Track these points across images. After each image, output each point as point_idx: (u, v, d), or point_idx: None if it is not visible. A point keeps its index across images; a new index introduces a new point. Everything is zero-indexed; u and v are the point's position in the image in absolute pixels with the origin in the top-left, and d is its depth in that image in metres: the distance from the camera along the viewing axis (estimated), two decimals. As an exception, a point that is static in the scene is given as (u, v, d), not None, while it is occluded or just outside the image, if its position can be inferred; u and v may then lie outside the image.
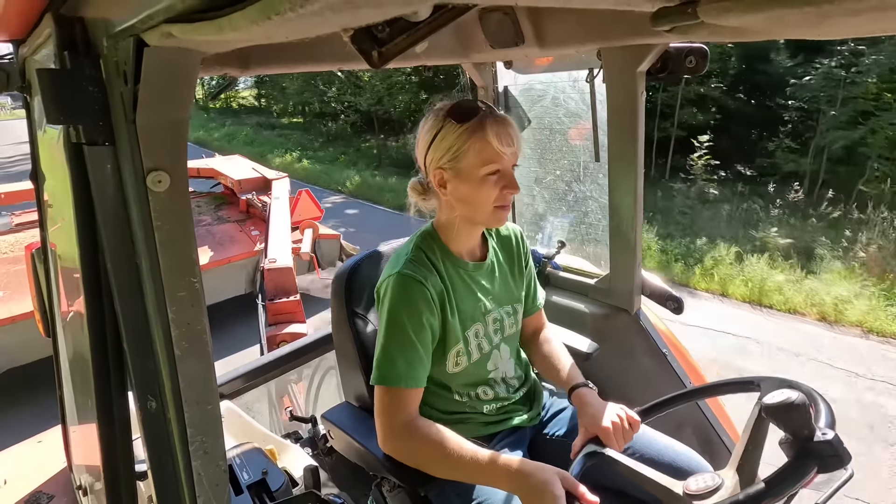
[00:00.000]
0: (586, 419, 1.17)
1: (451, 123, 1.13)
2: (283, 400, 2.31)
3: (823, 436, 0.86)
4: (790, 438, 0.89)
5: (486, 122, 1.12)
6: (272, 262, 3.76)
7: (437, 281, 1.19)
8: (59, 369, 1.40)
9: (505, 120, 1.15)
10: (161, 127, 0.56)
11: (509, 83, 1.95)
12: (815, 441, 0.86)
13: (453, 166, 1.15)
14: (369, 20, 0.37)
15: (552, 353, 1.38)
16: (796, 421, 0.87)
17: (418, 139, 1.22)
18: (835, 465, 0.87)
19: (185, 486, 0.66)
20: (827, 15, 0.33)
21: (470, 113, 1.13)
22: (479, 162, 1.12)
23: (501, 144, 1.12)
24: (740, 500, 0.85)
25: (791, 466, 0.86)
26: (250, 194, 5.78)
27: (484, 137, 1.11)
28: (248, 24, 0.36)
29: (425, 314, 1.15)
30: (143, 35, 0.49)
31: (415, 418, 1.13)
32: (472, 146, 1.12)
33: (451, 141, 1.13)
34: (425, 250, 1.23)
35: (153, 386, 0.64)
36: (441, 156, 1.15)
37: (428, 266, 1.20)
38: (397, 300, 1.14)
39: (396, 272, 1.16)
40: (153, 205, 0.57)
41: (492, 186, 1.15)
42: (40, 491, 1.47)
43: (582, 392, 1.24)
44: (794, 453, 0.87)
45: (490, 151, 1.12)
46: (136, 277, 0.62)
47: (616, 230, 1.67)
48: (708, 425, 1.60)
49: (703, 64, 1.33)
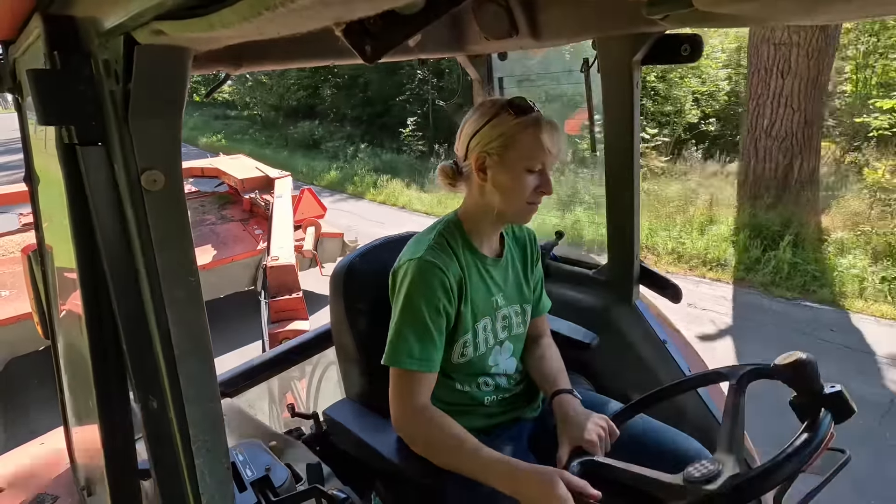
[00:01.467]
0: (570, 430, 1.17)
1: (508, 114, 1.16)
2: (285, 396, 2.32)
3: (832, 388, 0.94)
4: (801, 397, 0.96)
5: (541, 122, 1.17)
6: (275, 260, 3.76)
7: (457, 269, 1.20)
8: (59, 370, 1.40)
9: (556, 125, 1.20)
10: (154, 126, 0.56)
11: (505, 74, 1.94)
12: (826, 393, 0.93)
13: (500, 153, 1.17)
14: (361, 13, 0.37)
15: (544, 361, 1.39)
16: (808, 377, 0.94)
17: (465, 124, 1.23)
18: (847, 414, 0.94)
19: (189, 484, 0.66)
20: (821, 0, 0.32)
21: (527, 109, 1.17)
22: (527, 155, 1.16)
23: (550, 145, 1.17)
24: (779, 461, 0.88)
25: (812, 421, 0.92)
26: (253, 193, 5.79)
27: (537, 133, 1.15)
28: (239, 20, 0.35)
29: (443, 301, 1.16)
30: (134, 33, 0.49)
31: (427, 404, 1.15)
32: (525, 138, 1.15)
33: (505, 129, 1.16)
34: (448, 238, 1.24)
35: (154, 386, 0.64)
36: (490, 141, 1.17)
37: (449, 253, 1.21)
38: (416, 284, 1.15)
39: (418, 257, 1.17)
40: (148, 204, 0.57)
41: (529, 183, 1.17)
42: (44, 492, 1.47)
43: (564, 399, 1.24)
44: (811, 407, 0.93)
45: (539, 148, 1.16)
46: (133, 278, 0.62)
47: (613, 220, 1.67)
48: (708, 413, 1.61)
49: (698, 52, 1.33)
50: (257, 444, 1.32)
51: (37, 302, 1.37)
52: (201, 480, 0.65)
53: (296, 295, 3.53)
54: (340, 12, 0.36)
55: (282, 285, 3.59)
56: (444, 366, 1.26)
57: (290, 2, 0.31)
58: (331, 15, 0.35)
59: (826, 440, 0.91)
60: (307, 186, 5.99)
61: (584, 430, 1.15)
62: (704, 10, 0.37)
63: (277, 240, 4.22)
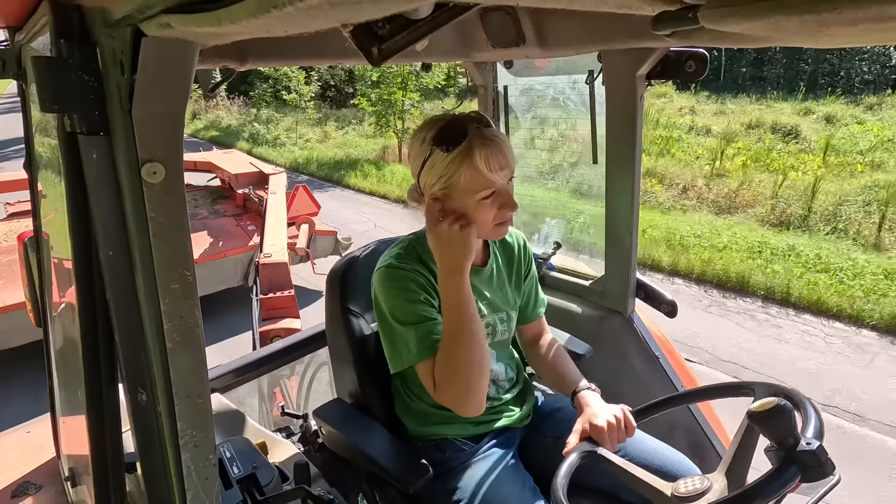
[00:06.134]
0: (583, 418, 1.18)
1: (439, 151, 1.09)
2: (275, 395, 2.31)
3: (808, 445, 0.86)
4: (774, 446, 0.89)
5: (475, 149, 1.07)
6: (267, 257, 3.75)
7: (427, 273, 1.20)
8: (50, 359, 1.39)
9: (493, 141, 1.09)
10: (157, 118, 0.56)
11: (510, 83, 1.95)
12: (798, 450, 0.86)
13: (448, 193, 1.12)
14: (369, 16, 0.37)
15: (554, 360, 1.39)
16: (781, 428, 0.87)
17: (410, 160, 1.19)
18: (817, 476, 0.86)
19: (175, 479, 0.65)
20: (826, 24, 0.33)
21: (456, 139, 1.07)
22: (472, 189, 1.10)
23: (491, 171, 1.08)
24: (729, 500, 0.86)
25: (773, 474, 0.87)
26: (247, 188, 5.78)
27: (473, 165, 1.07)
28: (247, 17, 0.35)
29: (422, 294, 1.16)
30: (141, 25, 0.49)
31: None
32: (462, 175, 1.08)
33: (441, 170, 1.10)
34: (418, 249, 1.24)
35: (144, 378, 0.64)
36: (433, 183, 1.13)
37: (416, 259, 1.21)
38: (389, 288, 1.17)
39: (384, 265, 1.19)
40: (147, 196, 0.57)
41: (488, 208, 1.13)
42: (27, 480, 1.46)
43: (584, 394, 1.24)
44: (778, 462, 0.87)
45: (481, 179, 1.09)
46: (128, 269, 0.61)
47: (612, 232, 1.67)
48: (699, 429, 1.61)
49: (703, 68, 1.34)
50: (245, 441, 1.31)
51: (30, 290, 1.37)
52: (187, 476, 0.64)
53: (288, 293, 3.51)
54: (348, 14, 0.36)
55: (274, 283, 3.57)
56: None
57: (299, 1, 0.31)
58: (339, 16, 0.35)
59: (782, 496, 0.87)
60: (302, 184, 6.00)
61: (599, 417, 1.15)
62: (711, 28, 0.37)
63: (270, 236, 4.20)
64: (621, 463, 1.05)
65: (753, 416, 0.88)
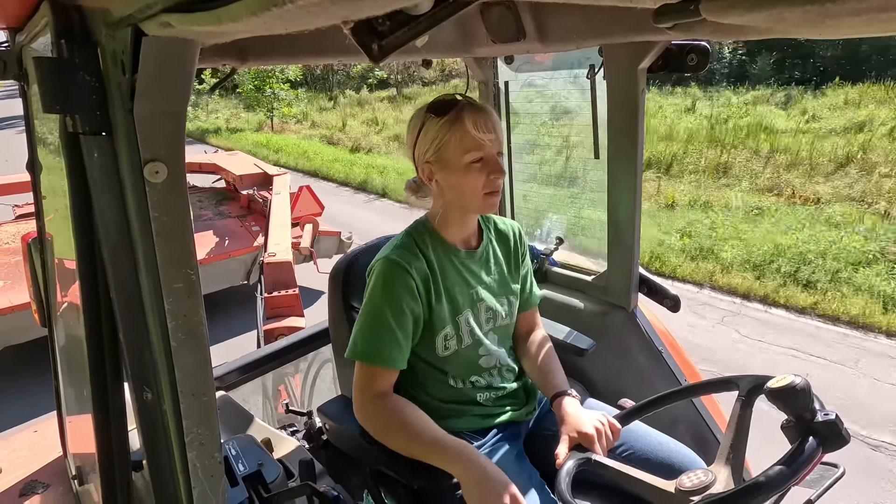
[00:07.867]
0: (568, 427, 1.18)
1: (432, 118, 1.19)
2: (280, 392, 2.31)
3: (826, 416, 0.90)
4: (792, 421, 0.92)
5: (464, 113, 1.17)
6: (271, 256, 3.77)
7: (423, 267, 1.23)
8: (55, 359, 1.40)
9: (483, 109, 1.20)
10: (158, 117, 0.56)
11: (510, 79, 1.94)
12: (816, 422, 0.90)
13: (438, 158, 1.20)
14: (370, 13, 0.37)
15: (540, 357, 1.39)
16: (800, 403, 0.91)
17: (407, 139, 1.27)
18: (838, 444, 0.90)
19: (181, 476, 0.66)
20: (829, 14, 0.32)
21: (448, 106, 1.18)
22: (461, 151, 1.17)
23: (480, 132, 1.17)
24: (761, 482, 0.87)
25: (798, 447, 0.89)
26: (251, 190, 5.80)
27: (463, 127, 1.16)
28: (247, 15, 0.35)
29: (405, 299, 1.20)
30: (142, 24, 0.49)
31: (386, 394, 1.19)
32: (453, 136, 1.17)
33: (434, 134, 1.19)
34: (416, 238, 1.27)
35: (149, 377, 0.64)
36: (426, 150, 1.21)
37: (415, 252, 1.24)
38: (380, 283, 1.20)
39: (384, 256, 1.23)
40: (150, 196, 0.57)
41: (477, 174, 1.19)
42: (35, 479, 1.47)
43: (567, 401, 1.25)
44: (798, 435, 0.90)
45: (470, 140, 1.17)
46: (132, 268, 0.62)
47: (614, 227, 1.67)
48: (701, 421, 1.61)
49: (705, 61, 1.33)
50: (250, 438, 1.32)
51: (35, 290, 1.37)
52: (193, 474, 0.65)
53: (292, 291, 3.53)
54: (349, 10, 0.36)
55: (278, 281, 3.60)
56: (432, 360, 1.28)
57: None
58: (339, 13, 0.35)
59: (808, 470, 0.89)
60: (306, 185, 6.01)
61: (584, 425, 1.16)
62: (713, 20, 0.37)
63: (275, 236, 4.23)
64: (618, 467, 1.05)
65: (772, 393, 0.92)
